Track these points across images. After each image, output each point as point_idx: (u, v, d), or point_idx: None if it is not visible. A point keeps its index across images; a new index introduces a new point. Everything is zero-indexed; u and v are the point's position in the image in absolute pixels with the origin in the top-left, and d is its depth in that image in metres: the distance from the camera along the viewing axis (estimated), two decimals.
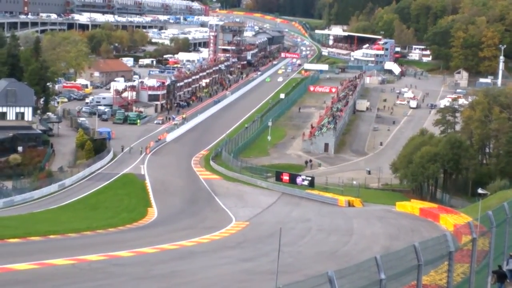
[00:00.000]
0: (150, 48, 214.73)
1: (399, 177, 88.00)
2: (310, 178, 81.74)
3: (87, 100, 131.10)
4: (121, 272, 34.10)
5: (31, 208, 68.02)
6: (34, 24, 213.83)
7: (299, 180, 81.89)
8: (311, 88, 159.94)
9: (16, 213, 64.50)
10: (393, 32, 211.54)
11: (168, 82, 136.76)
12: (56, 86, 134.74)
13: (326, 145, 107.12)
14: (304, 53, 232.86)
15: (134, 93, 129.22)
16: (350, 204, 71.86)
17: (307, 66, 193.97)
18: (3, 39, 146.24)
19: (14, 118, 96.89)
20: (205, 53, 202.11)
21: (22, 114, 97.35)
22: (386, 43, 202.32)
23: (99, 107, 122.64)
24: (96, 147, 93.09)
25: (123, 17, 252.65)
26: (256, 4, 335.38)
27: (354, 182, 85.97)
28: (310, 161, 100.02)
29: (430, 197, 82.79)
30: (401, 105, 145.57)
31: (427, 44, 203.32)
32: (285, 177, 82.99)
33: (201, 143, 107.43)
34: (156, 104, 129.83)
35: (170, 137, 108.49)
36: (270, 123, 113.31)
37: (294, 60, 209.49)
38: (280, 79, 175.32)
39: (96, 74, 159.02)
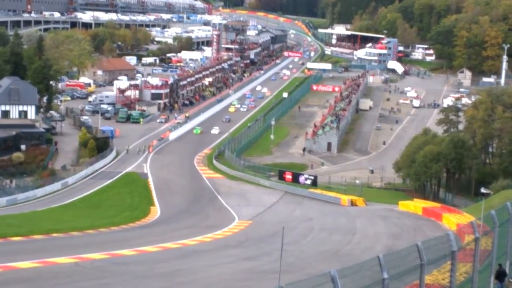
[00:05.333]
0: (153, 47, 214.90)
1: (402, 177, 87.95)
2: (313, 177, 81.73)
3: (90, 99, 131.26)
4: (123, 271, 34.12)
5: (34, 207, 68.06)
6: (37, 22, 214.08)
7: (302, 179, 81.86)
8: (314, 87, 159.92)
9: (19, 212, 64.53)
10: (396, 31, 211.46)
11: (171, 81, 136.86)
12: (59, 85, 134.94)
13: (329, 144, 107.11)
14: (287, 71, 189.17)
15: (137, 91, 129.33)
16: (353, 203, 71.77)
17: (310, 65, 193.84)
18: (6, 38, 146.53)
19: (17, 117, 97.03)
20: (208, 52, 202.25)
21: (25, 112, 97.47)
22: (389, 42, 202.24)
23: (102, 106, 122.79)
24: (99, 146, 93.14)
25: (126, 15, 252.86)
26: (259, 3, 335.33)
27: (357, 181, 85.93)
28: (306, 149, 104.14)
29: (433, 196, 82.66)
30: (404, 104, 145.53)
31: (430, 43, 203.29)
32: (288, 176, 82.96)
33: (204, 142, 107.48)
34: (159, 103, 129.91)
35: (173, 136, 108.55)
36: (273, 122, 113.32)
37: (260, 87, 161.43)
38: (216, 130, 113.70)
39: (99, 72, 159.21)
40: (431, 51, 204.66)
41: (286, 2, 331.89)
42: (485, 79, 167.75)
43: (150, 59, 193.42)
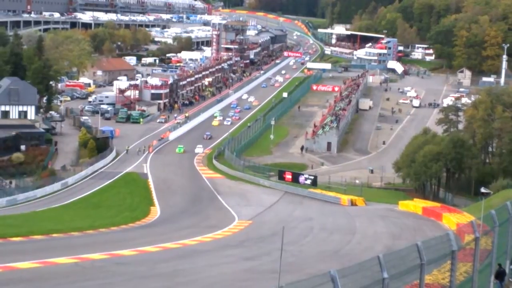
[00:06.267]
0: (153, 47, 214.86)
1: (402, 176, 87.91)
2: (312, 177, 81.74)
3: (90, 99, 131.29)
4: (123, 271, 34.09)
5: (34, 207, 68.08)
6: (37, 23, 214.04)
7: (301, 179, 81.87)
8: (314, 87, 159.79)
9: (19, 212, 64.55)
10: (396, 31, 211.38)
11: (170, 81, 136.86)
12: (59, 85, 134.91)
13: (329, 144, 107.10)
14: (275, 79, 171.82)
15: (137, 91, 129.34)
16: (352, 203, 71.79)
17: (310, 65, 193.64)
18: (6, 38, 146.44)
19: (17, 117, 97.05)
20: (207, 52, 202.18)
21: (25, 112, 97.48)
22: (389, 42, 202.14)
23: (102, 106, 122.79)
24: (98, 146, 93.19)
25: (126, 16, 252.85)
26: (259, 3, 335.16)
27: (357, 181, 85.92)
28: (304, 147, 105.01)
29: (433, 196, 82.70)
30: (404, 104, 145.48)
31: (430, 43, 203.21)
32: (288, 176, 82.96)
33: (204, 142, 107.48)
34: (159, 103, 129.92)
35: (173, 136, 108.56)
36: (273, 122, 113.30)
37: (246, 96, 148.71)
38: (200, 148, 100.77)
39: (99, 73, 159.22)
40: (430, 51, 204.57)
41: (285, 2, 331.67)
42: (484, 79, 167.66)
43: (149, 59, 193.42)
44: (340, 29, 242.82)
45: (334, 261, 37.48)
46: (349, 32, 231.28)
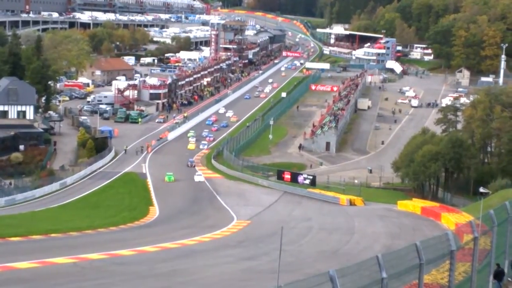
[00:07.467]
0: (152, 47, 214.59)
1: (401, 176, 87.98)
2: (311, 177, 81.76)
3: (89, 99, 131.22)
4: (122, 271, 34.10)
5: (33, 207, 68.05)
6: (36, 22, 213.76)
7: (300, 179, 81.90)
8: (313, 87, 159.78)
9: (17, 212, 64.51)
10: (394, 31, 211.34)
11: (169, 81, 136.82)
12: (58, 85, 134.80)
13: (328, 144, 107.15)
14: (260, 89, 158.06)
15: (136, 91, 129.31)
16: (351, 203, 71.82)
17: (309, 64, 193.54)
18: (4, 38, 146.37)
19: (15, 117, 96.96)
20: (206, 52, 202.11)
21: (24, 112, 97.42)
22: (387, 41, 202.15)
23: (101, 106, 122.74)
24: (97, 146, 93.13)
25: (124, 15, 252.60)
26: (257, 3, 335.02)
27: (356, 181, 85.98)
28: (301, 146, 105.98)
29: (431, 196, 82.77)
30: (402, 104, 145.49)
31: (428, 43, 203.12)
32: (287, 176, 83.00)
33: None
34: (158, 103, 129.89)
35: (171, 135, 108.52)
36: (271, 122, 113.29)
37: (223, 110, 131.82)
38: (200, 177, 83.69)
39: (98, 72, 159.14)
40: (429, 51, 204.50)
41: (284, 2, 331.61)
42: (483, 79, 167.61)
43: (148, 59, 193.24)
44: (338, 29, 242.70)
45: (333, 261, 37.51)
46: (347, 32, 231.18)
